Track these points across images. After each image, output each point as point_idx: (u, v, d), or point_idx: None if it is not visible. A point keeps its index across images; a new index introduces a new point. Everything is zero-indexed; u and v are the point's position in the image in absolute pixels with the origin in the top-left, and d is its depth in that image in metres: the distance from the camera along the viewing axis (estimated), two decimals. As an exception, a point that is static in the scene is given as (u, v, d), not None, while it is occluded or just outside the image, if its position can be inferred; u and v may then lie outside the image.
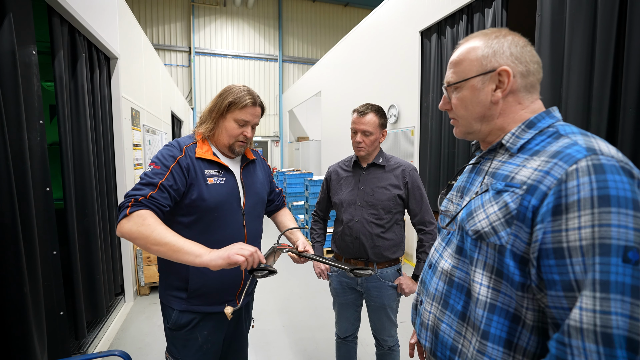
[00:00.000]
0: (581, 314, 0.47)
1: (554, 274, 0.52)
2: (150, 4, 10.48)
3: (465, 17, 3.15)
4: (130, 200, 0.94)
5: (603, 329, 0.46)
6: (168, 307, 1.13)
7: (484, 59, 0.66)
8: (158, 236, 0.89)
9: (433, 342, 0.73)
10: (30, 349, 1.42)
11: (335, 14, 12.48)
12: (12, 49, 1.40)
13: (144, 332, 2.46)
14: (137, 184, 1.00)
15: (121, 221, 0.93)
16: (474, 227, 0.64)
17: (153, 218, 0.93)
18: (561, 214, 0.51)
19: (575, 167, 0.52)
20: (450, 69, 0.72)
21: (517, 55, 0.65)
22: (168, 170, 1.02)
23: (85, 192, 2.18)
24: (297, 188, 6.28)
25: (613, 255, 0.47)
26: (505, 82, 0.64)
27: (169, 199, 1.01)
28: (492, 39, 0.66)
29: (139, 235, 0.90)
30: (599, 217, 0.48)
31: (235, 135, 1.12)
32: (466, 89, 0.69)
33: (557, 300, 0.52)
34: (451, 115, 0.75)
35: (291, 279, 3.56)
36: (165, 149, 1.09)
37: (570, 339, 0.48)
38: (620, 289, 0.46)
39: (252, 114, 1.12)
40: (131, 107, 3.07)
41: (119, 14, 2.83)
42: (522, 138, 0.64)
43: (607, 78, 1.93)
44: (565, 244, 0.50)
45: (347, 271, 1.11)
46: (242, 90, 1.11)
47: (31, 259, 1.48)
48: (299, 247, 1.18)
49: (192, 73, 10.94)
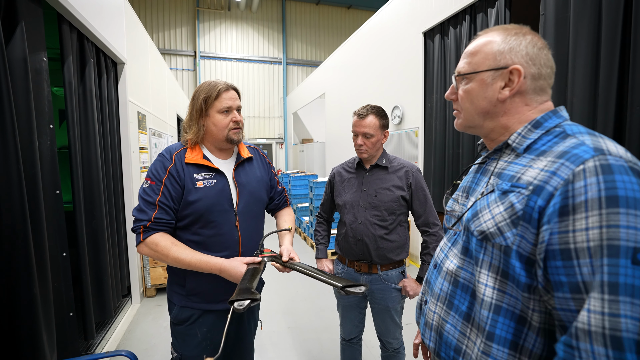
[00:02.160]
0: (589, 316, 0.47)
1: (561, 276, 0.51)
2: (157, 9, 10.63)
3: (469, 18, 3.14)
4: (140, 227, 1.06)
5: (612, 332, 0.45)
6: (171, 302, 1.19)
7: (499, 54, 0.64)
8: (174, 258, 1.05)
9: (437, 343, 0.73)
10: (39, 349, 1.44)
11: (338, 16, 12.52)
12: (24, 56, 1.44)
13: (150, 334, 2.48)
14: (139, 203, 1.09)
15: (138, 245, 1.07)
16: (480, 228, 0.64)
17: (165, 241, 1.06)
18: (568, 215, 0.51)
19: (582, 167, 0.51)
20: (464, 58, 0.71)
21: (532, 56, 0.63)
22: (162, 185, 1.08)
23: (93, 195, 2.21)
24: (302, 190, 6.29)
25: (622, 256, 0.46)
26: (515, 81, 0.63)
27: (172, 212, 1.09)
28: (511, 35, 0.65)
29: (157, 257, 1.06)
30: (607, 218, 0.47)
31: (226, 124, 1.13)
32: (475, 81, 0.68)
33: (564, 302, 0.51)
34: (455, 107, 0.74)
35: (296, 280, 3.57)
36: (157, 160, 1.12)
37: (578, 342, 0.47)
38: (630, 291, 0.45)
39: (230, 97, 1.14)
40: (138, 111, 3.12)
41: (126, 20, 2.88)
42: (529, 138, 0.63)
43: (613, 76, 1.91)
44: (573, 245, 0.50)
45: (339, 289, 1.00)
46: (210, 83, 1.14)
47: (41, 261, 1.51)
48: (283, 255, 1.12)
49: (197, 77, 11.05)
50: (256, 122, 11.82)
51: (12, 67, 1.40)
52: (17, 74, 1.42)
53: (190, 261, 1.04)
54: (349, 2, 12.29)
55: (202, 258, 1.05)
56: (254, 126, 11.84)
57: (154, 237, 1.05)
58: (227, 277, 1.04)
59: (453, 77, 0.73)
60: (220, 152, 1.20)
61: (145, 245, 1.06)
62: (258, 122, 11.85)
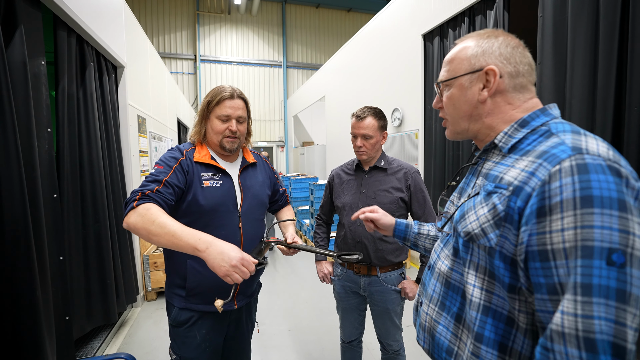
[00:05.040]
0: (563, 317, 0.46)
1: (540, 277, 0.51)
2: (157, 13, 10.69)
3: (467, 20, 3.15)
4: (137, 194, 0.97)
5: (585, 334, 0.44)
6: (170, 304, 1.18)
7: (473, 57, 0.66)
8: (160, 223, 0.90)
9: (430, 344, 0.73)
10: (42, 353, 1.44)
11: (338, 20, 12.58)
12: (23, 60, 1.45)
13: (151, 337, 2.48)
14: (143, 182, 1.04)
15: (128, 213, 0.95)
16: (466, 229, 0.64)
17: (158, 209, 0.95)
18: (545, 216, 0.50)
19: (558, 167, 0.51)
20: (443, 67, 0.73)
21: (507, 56, 0.64)
22: (171, 170, 1.07)
23: (96, 199, 2.22)
24: (302, 192, 6.29)
25: (596, 257, 0.45)
26: (492, 82, 0.64)
27: (173, 195, 1.05)
28: (483, 39, 0.66)
29: (142, 225, 0.91)
30: (582, 219, 0.47)
31: (220, 131, 1.14)
32: (455, 87, 0.69)
33: (542, 303, 0.51)
34: (441, 115, 0.76)
35: (297, 282, 3.56)
36: (168, 152, 1.14)
37: (552, 344, 0.47)
38: (604, 293, 0.44)
39: (231, 106, 1.13)
40: (138, 115, 3.13)
41: (126, 24, 2.90)
42: (514, 137, 0.63)
43: (611, 77, 1.91)
44: (550, 246, 0.49)
45: (335, 257, 1.15)
46: (220, 88, 1.16)
47: (42, 264, 1.51)
48: (287, 239, 1.21)
49: (197, 80, 11.09)
50: (257, 125, 11.84)
51: (11, 71, 1.41)
52: (17, 78, 1.43)
53: (175, 230, 0.88)
54: (348, 5, 12.35)
55: (193, 230, 0.91)
56: (255, 129, 11.86)
57: (150, 204, 0.95)
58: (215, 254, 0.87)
59: (435, 87, 0.75)
60: (225, 155, 1.22)
61: (135, 212, 0.93)
62: (259, 125, 11.88)
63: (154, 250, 3.26)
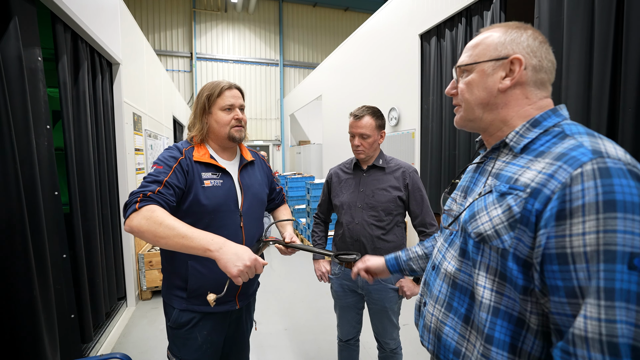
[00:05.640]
0: (586, 322, 0.46)
1: (557, 280, 0.51)
2: (152, 10, 10.60)
3: (464, 20, 3.17)
4: (138, 196, 0.94)
5: (609, 338, 0.44)
6: (169, 306, 1.15)
7: (500, 44, 0.65)
8: (168, 225, 0.88)
9: (436, 345, 0.73)
10: (40, 351, 1.42)
11: (335, 19, 12.56)
12: (19, 54, 1.42)
13: (146, 337, 2.46)
14: (142, 182, 1.01)
15: (130, 215, 0.92)
16: (477, 230, 0.63)
17: (163, 211, 0.93)
18: (565, 219, 0.50)
19: (580, 170, 0.50)
20: (465, 52, 0.71)
21: (533, 49, 0.64)
22: (171, 170, 1.05)
23: (86, 197, 2.19)
24: (299, 191, 6.29)
25: (618, 262, 0.45)
26: (516, 71, 0.63)
27: (174, 196, 1.03)
28: (512, 29, 0.66)
29: (147, 228, 0.88)
30: (604, 223, 0.47)
31: (227, 122, 1.14)
32: (476, 72, 0.68)
33: (559, 306, 0.51)
34: (455, 102, 0.74)
35: (293, 281, 3.56)
36: (167, 151, 1.12)
37: (575, 349, 0.47)
38: (626, 297, 0.45)
39: (233, 96, 1.16)
40: (133, 112, 3.10)
41: (121, 21, 2.87)
42: (526, 137, 0.62)
43: (606, 79, 1.94)
44: (569, 249, 0.49)
45: (332, 257, 1.16)
46: (214, 82, 1.16)
47: (41, 263, 1.49)
48: (285, 238, 1.21)
49: (193, 78, 11.02)
50: (253, 124, 11.80)
51: (6, 65, 1.39)
52: (12, 73, 1.41)
53: (186, 232, 0.87)
54: (345, 4, 12.34)
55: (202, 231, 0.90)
56: (251, 128, 11.81)
57: (153, 206, 0.92)
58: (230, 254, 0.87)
59: (454, 70, 0.73)
60: (224, 152, 1.21)
61: (138, 215, 0.90)
62: (255, 124, 11.83)
63: (149, 249, 3.23)
